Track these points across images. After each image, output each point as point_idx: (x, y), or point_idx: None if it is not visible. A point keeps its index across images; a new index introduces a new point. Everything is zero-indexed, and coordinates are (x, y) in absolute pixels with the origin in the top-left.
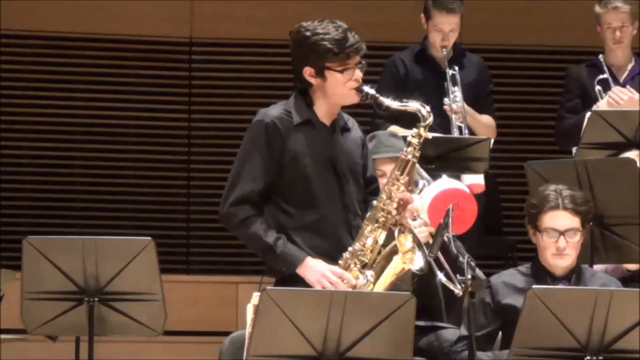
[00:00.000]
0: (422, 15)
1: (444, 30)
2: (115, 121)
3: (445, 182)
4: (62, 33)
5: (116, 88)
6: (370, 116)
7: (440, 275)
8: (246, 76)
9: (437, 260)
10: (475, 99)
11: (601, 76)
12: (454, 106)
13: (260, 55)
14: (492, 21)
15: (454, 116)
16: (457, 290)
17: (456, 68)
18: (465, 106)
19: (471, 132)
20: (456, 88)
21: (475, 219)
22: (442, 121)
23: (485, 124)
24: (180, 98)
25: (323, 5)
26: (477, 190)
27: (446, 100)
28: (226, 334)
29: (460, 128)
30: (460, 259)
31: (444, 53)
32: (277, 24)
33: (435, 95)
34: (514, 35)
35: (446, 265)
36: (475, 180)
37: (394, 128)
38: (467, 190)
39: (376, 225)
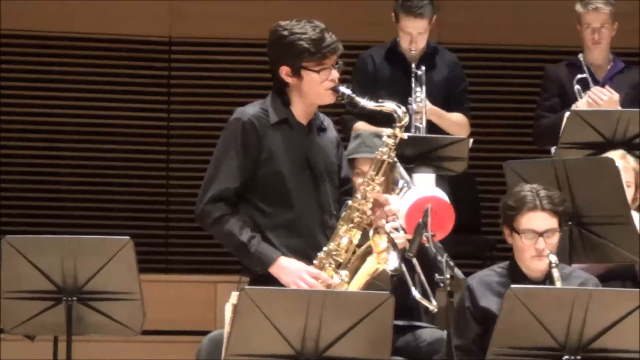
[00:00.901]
0: (393, 14)
1: (412, 34)
2: (94, 120)
3: (424, 190)
4: (42, 32)
5: (95, 87)
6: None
7: (415, 292)
8: (225, 75)
9: (412, 269)
10: (447, 97)
11: (580, 75)
12: (415, 106)
13: (240, 55)
14: (473, 21)
15: (414, 116)
16: (432, 307)
17: (423, 68)
18: (430, 106)
19: (442, 132)
20: (419, 88)
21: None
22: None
23: (455, 123)
24: (159, 97)
25: (304, 5)
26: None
27: (410, 99)
28: (205, 333)
29: (418, 129)
30: (439, 258)
31: (412, 52)
32: (257, 24)
33: (403, 94)
34: (495, 35)
35: (422, 277)
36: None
37: (361, 125)
38: (447, 199)
39: (351, 225)
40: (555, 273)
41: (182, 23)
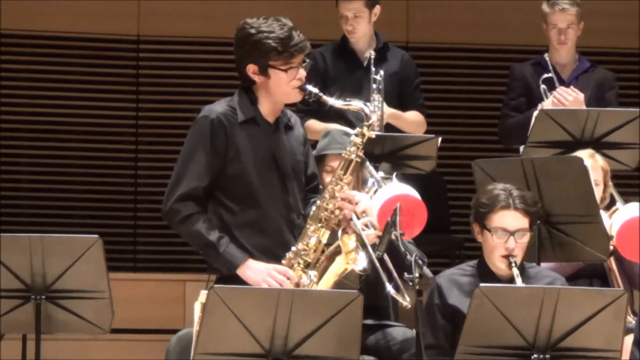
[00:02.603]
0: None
1: (347, 16)
2: (63, 118)
3: (397, 188)
4: (8, 30)
5: (63, 85)
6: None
7: (389, 288)
8: (193, 74)
9: (384, 266)
10: (400, 93)
11: (546, 75)
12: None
13: (208, 53)
14: (440, 20)
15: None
16: (406, 302)
17: (382, 73)
18: (388, 110)
19: (399, 131)
20: (377, 95)
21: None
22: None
23: (412, 122)
24: (128, 95)
25: (273, 4)
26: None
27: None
28: (173, 332)
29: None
30: (408, 257)
31: (373, 55)
32: (225, 22)
33: (354, 90)
34: (463, 34)
35: (395, 275)
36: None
37: (312, 122)
38: (418, 196)
39: (319, 225)
40: (515, 271)
41: (151, 21)
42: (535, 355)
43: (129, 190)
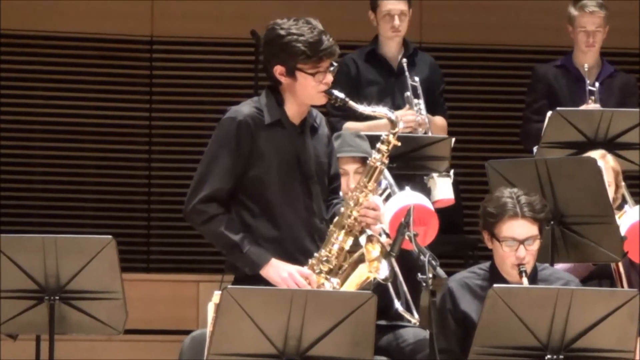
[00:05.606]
0: (370, 12)
1: (394, 15)
2: (76, 119)
3: (408, 197)
4: (21, 31)
5: (77, 86)
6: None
7: (397, 305)
8: (207, 75)
9: (394, 277)
10: (428, 99)
11: (589, 87)
12: (419, 118)
13: (221, 54)
14: (453, 20)
15: (419, 129)
16: (414, 320)
17: (417, 79)
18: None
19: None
20: (417, 100)
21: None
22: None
23: (440, 127)
24: (141, 96)
25: (288, 5)
26: (447, 204)
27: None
28: (187, 332)
29: None
30: (422, 257)
31: (405, 62)
32: (239, 23)
33: (386, 96)
34: (475, 35)
35: (405, 288)
36: (444, 196)
37: (350, 124)
38: (430, 206)
39: (343, 231)
40: (525, 281)
41: (164, 22)
42: (548, 356)
43: (143, 190)
